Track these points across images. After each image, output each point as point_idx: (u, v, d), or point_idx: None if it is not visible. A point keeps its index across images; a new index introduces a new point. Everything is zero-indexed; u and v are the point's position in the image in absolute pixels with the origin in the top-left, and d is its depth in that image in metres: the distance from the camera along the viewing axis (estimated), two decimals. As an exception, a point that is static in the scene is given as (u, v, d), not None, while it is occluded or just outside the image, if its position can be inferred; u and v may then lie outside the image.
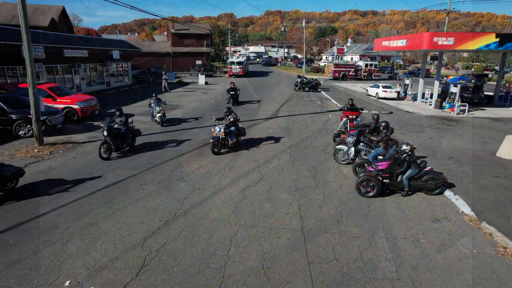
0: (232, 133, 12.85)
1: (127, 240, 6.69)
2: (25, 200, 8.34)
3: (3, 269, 5.77)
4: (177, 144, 13.64)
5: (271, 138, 14.66)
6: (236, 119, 13.01)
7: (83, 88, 28.71)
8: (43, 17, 35.31)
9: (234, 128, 12.90)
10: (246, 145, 13.57)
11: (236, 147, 13.12)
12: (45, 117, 13.95)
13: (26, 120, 13.80)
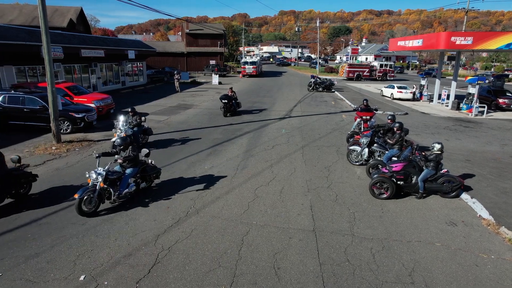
0: (125, 180, 8.05)
1: (140, 237, 6.79)
2: (43, 196, 8.55)
3: (22, 262, 5.93)
4: (190, 142, 13.75)
5: (284, 138, 14.62)
6: (135, 156, 8.34)
7: (99, 87, 29.28)
8: (62, 18, 36.13)
9: (131, 171, 8.18)
10: (259, 144, 13.58)
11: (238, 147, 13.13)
12: (83, 114, 14.86)
13: (65, 117, 14.58)
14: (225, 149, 12.93)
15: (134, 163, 8.34)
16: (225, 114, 19.48)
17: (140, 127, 12.60)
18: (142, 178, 8.64)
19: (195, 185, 9.41)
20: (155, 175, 8.96)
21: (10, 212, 7.73)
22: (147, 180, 8.83)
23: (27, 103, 14.68)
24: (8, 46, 19.15)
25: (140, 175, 8.54)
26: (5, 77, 20.55)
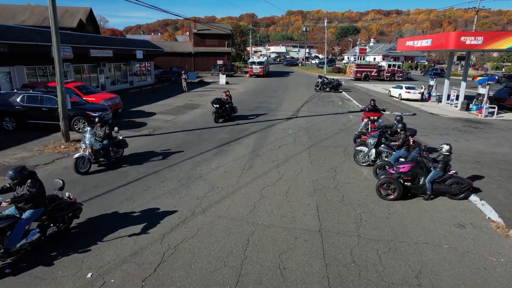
0: (19, 228, 6.02)
1: (146, 236, 6.83)
2: (51, 194, 8.66)
3: (31, 260, 6.02)
4: (196, 142, 13.80)
5: (291, 138, 14.60)
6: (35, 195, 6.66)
7: (107, 87, 29.55)
8: (72, 18, 36.54)
9: (30, 214, 6.20)
10: (265, 144, 13.58)
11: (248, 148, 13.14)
12: (100, 113, 14.80)
13: (82, 115, 14.93)
14: (231, 149, 12.96)
15: (35, 202, 6.17)
16: (216, 120, 17.46)
17: (110, 140, 10.97)
18: (51, 220, 6.44)
19: (201, 185, 9.44)
20: (72, 214, 6.75)
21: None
22: (59, 222, 6.56)
23: (45, 102, 14.86)
24: (19, 46, 19.44)
25: (49, 216, 6.37)
26: (16, 77, 20.86)
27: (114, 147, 11.12)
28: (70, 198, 6.97)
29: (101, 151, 10.58)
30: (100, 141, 10.62)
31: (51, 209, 6.46)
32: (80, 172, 9.97)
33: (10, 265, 5.84)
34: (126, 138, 14.23)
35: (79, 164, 10.03)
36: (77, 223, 7.24)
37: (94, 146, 10.35)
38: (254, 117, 19.40)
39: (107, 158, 10.79)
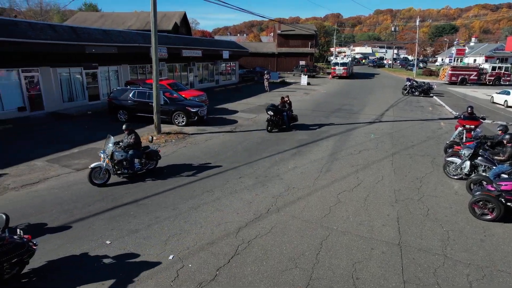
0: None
1: (223, 227, 7.17)
2: (142, 181, 9.65)
3: (125, 234, 6.81)
4: (275, 142, 13.99)
5: (372, 144, 13.88)
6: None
7: (195, 85, 31.75)
8: (168, 22, 40.10)
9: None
10: (345, 148, 13.14)
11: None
12: (197, 109, 16.36)
13: (182, 111, 16.33)
14: (309, 150, 12.84)
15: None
16: (269, 129, 15.45)
17: (138, 149, 9.79)
18: None
19: (277, 184, 9.56)
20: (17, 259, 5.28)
21: (116, 192, 8.91)
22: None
23: (151, 98, 15.96)
24: (126, 48, 22.07)
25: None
26: (122, 74, 23.74)
27: (146, 158, 10.00)
28: (21, 237, 5.52)
29: (124, 162, 9.44)
30: (125, 151, 9.52)
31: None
32: (95, 184, 9.04)
33: (109, 237, 6.67)
34: (211, 133, 15.15)
35: (95, 174, 9.08)
36: (166, 207, 7.94)
37: (116, 156, 9.32)
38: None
39: (131, 170, 9.61)
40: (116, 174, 9.51)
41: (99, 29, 22.34)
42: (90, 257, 6.08)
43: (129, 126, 9.95)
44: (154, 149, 10.38)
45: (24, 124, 16.06)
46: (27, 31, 16.89)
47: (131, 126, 9.99)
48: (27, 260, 5.53)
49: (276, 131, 15.71)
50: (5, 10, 57.87)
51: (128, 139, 9.77)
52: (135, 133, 9.92)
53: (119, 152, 9.43)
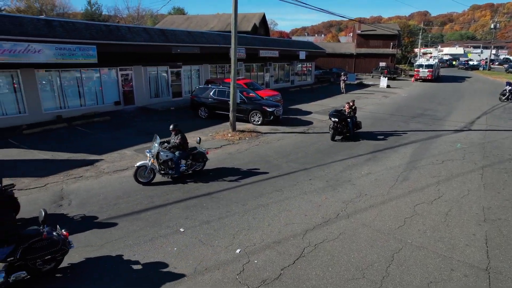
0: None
1: (290, 228, 7.19)
2: (216, 174, 10.13)
3: (197, 224, 7.25)
4: (349, 145, 13.53)
5: (459, 154, 12.58)
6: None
7: (271, 85, 32.24)
8: (248, 23, 41.37)
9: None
10: (425, 157, 12.14)
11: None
12: (273, 108, 16.72)
13: (259, 110, 16.73)
14: (386, 157, 12.15)
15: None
16: (332, 137, 14.19)
17: (184, 150, 9.75)
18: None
19: (349, 189, 9.24)
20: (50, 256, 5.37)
21: (191, 184, 9.50)
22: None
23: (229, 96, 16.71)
24: (207, 48, 23.38)
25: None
26: (203, 73, 25.22)
27: (192, 159, 9.98)
28: (58, 234, 5.65)
29: (169, 162, 9.50)
30: (171, 152, 9.58)
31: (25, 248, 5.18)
32: (140, 182, 9.24)
33: (183, 225, 7.16)
34: (283, 133, 15.27)
35: (140, 173, 9.28)
36: (237, 202, 8.25)
37: (161, 157, 9.40)
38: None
39: (176, 171, 9.56)
40: (161, 174, 9.53)
41: (184, 31, 24.01)
42: (166, 242, 6.60)
43: (176, 126, 9.81)
44: (202, 151, 10.13)
45: (118, 117, 18.04)
46: (126, 34, 18.94)
47: (178, 127, 9.88)
48: (60, 259, 5.61)
49: (340, 139, 14.36)
50: (110, 17, 66.36)
51: (175, 140, 9.69)
52: (182, 134, 9.78)
53: (165, 153, 9.47)
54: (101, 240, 6.64)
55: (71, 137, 13.93)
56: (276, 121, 16.95)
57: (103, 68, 19.03)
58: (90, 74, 18.64)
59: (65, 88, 17.64)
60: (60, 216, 7.56)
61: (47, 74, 16.79)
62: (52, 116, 16.69)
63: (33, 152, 11.95)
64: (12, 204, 6.95)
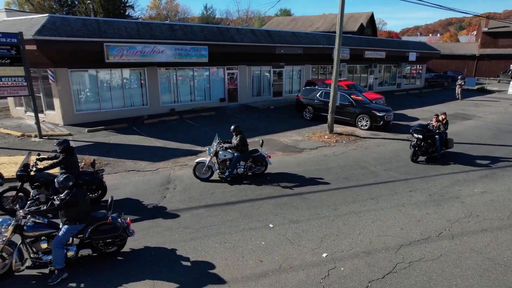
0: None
1: (382, 240, 6.74)
2: (307, 176, 10.10)
3: (286, 223, 7.36)
4: (460, 156, 11.98)
5: None
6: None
7: (374, 87, 30.53)
8: (354, 23, 39.94)
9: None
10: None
11: None
12: (383, 113, 15.72)
13: (367, 114, 15.89)
14: (508, 175, 10.40)
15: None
16: (413, 158, 11.48)
17: (243, 152, 9.64)
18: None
19: (456, 206, 8.19)
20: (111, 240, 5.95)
21: (283, 184, 9.65)
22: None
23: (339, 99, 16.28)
24: (310, 49, 23.39)
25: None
26: (304, 74, 25.36)
27: (252, 162, 9.82)
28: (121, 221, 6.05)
29: (227, 162, 9.59)
30: (229, 152, 9.62)
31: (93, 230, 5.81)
32: (198, 178, 9.59)
33: (273, 221, 7.36)
34: (384, 139, 14.38)
35: (199, 169, 9.63)
36: (328, 205, 8.12)
37: (220, 156, 9.57)
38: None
39: (229, 172, 9.50)
40: (219, 172, 9.68)
41: (289, 32, 24.42)
42: (255, 235, 6.88)
43: (237, 127, 9.76)
44: (263, 154, 9.87)
45: (222, 113, 19.41)
46: (235, 35, 20.23)
47: (239, 128, 9.83)
48: (119, 244, 6.05)
49: (423, 160, 11.64)
50: (222, 20, 71.95)
51: (235, 141, 9.68)
52: (242, 136, 9.66)
53: (223, 152, 9.59)
54: (198, 224, 7.28)
55: (181, 129, 15.55)
56: (385, 127, 15.89)
57: (212, 67, 20.67)
58: (201, 72, 20.47)
59: (179, 85, 19.77)
60: (170, 198, 8.55)
61: (166, 72, 19.04)
62: (167, 109, 18.89)
63: (150, 140, 13.73)
64: (101, 187, 8.15)
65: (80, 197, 5.61)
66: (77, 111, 16.20)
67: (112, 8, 42.89)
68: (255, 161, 9.85)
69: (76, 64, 15.72)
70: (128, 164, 11.05)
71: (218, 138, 9.75)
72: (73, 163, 7.72)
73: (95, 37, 15.08)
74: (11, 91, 12.95)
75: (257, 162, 9.90)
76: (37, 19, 15.22)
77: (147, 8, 74.95)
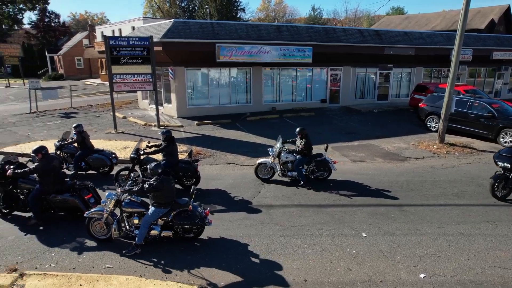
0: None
1: (499, 272, 5.79)
2: (408, 186, 9.29)
3: (381, 234, 6.93)
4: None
5: None
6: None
7: (503, 93, 26.24)
8: (482, 19, 34.79)
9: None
10: None
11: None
12: None
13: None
14: None
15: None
16: (494, 192, 8.56)
17: (306, 156, 9.34)
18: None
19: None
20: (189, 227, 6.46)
21: (383, 193, 9.08)
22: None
23: (472, 109, 14.36)
24: (423, 49, 21.34)
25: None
26: (414, 76, 23.31)
27: (315, 166, 9.48)
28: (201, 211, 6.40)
29: (288, 164, 9.46)
30: (292, 154, 9.50)
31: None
32: (259, 178, 9.67)
33: (366, 230, 7.02)
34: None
35: (261, 169, 9.67)
36: (431, 222, 7.38)
37: (282, 157, 9.48)
38: None
39: (294, 174, 9.40)
40: (280, 174, 9.60)
41: (400, 31, 22.68)
42: (345, 242, 6.66)
43: (303, 130, 9.50)
44: (327, 159, 9.47)
45: (322, 114, 19.21)
46: (341, 36, 19.76)
47: (305, 131, 9.51)
48: (196, 231, 6.45)
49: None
50: (329, 20, 71.05)
51: (298, 144, 9.49)
52: (307, 139, 9.38)
53: (285, 154, 9.50)
54: (289, 222, 7.40)
55: (280, 127, 15.92)
56: None
57: (315, 68, 20.58)
58: (304, 72, 20.57)
59: (282, 84, 20.24)
60: (264, 194, 8.90)
61: (270, 71, 19.71)
62: (268, 108, 19.56)
63: (251, 136, 14.44)
64: (195, 175, 8.86)
65: (166, 184, 6.12)
66: (189, 106, 18.05)
67: (226, 11, 46.21)
68: (318, 165, 9.53)
69: (191, 63, 17.49)
70: (229, 157, 11.85)
71: (282, 139, 9.68)
72: (173, 151, 8.76)
73: (209, 38, 16.53)
74: (140, 86, 15.16)
75: (320, 167, 9.57)
76: (165, 24, 17.43)
77: (256, 10, 78.59)
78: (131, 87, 15.09)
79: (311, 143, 9.51)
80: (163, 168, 6.32)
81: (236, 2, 48.67)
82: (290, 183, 9.54)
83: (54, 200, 7.04)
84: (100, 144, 12.16)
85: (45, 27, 58.32)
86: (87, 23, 67.38)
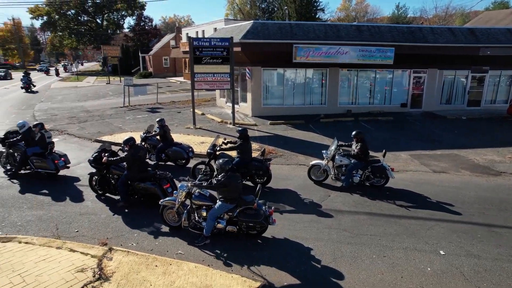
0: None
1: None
2: (506, 209, 8.20)
3: (463, 254, 6.24)
4: None
5: None
6: None
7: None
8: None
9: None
10: None
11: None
12: None
13: None
14: None
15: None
16: None
17: (360, 161, 8.96)
18: None
19: None
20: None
21: (464, 207, 8.17)
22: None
23: None
24: None
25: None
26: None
27: (371, 172, 9.06)
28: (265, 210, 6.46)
29: (342, 167, 9.20)
30: (347, 158, 9.19)
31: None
32: (312, 179, 9.53)
33: (444, 248, 6.41)
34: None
35: (314, 171, 9.53)
36: None
37: (336, 160, 9.27)
38: None
39: (345, 180, 9.05)
40: (333, 177, 9.44)
41: (502, 28, 20.09)
42: (420, 258, 6.16)
43: (359, 134, 9.05)
44: (384, 166, 8.92)
45: (401, 119, 18.00)
46: (428, 35, 18.25)
47: (361, 134, 9.06)
48: (259, 230, 6.59)
49: None
50: (415, 19, 66.01)
51: (354, 148, 9.10)
52: (363, 143, 8.97)
53: (339, 157, 9.30)
54: (358, 229, 7.10)
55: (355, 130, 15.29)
56: None
57: (397, 70, 19.33)
58: (383, 74, 19.48)
59: (359, 87, 19.45)
60: (334, 198, 8.69)
61: (347, 73, 19.09)
62: (343, 110, 18.97)
63: (323, 138, 14.18)
64: (266, 174, 9.02)
65: (233, 181, 6.35)
66: (263, 105, 18.40)
67: (305, 12, 45.94)
68: (374, 172, 9.11)
69: (268, 63, 17.80)
70: (300, 158, 11.81)
71: (337, 141, 9.43)
72: (247, 149, 9.06)
73: (286, 39, 16.64)
74: (219, 85, 15.95)
75: (376, 174, 9.14)
76: (245, 25, 18.03)
77: (336, 10, 76.65)
78: (211, 86, 15.95)
79: (367, 147, 9.13)
80: (231, 165, 6.57)
81: (315, 2, 48.04)
82: (366, 188, 9.15)
83: (137, 187, 7.83)
84: (180, 138, 13.07)
85: (140, 31, 64.64)
86: (175, 26, 73.08)
